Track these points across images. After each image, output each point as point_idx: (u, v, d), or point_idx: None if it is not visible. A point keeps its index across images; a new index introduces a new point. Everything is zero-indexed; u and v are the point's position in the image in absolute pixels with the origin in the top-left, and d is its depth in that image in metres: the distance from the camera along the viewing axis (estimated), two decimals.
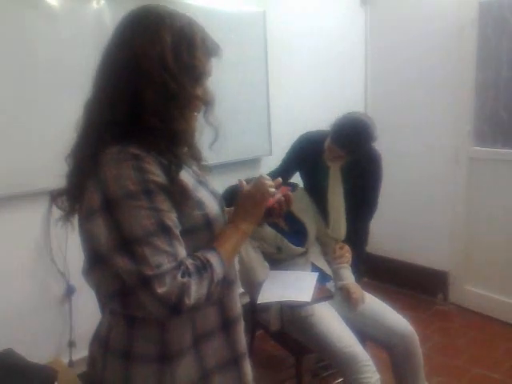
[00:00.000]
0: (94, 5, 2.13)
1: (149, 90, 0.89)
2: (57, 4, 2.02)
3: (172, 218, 0.89)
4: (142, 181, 0.85)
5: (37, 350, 1.75)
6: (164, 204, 0.88)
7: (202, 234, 0.96)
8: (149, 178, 0.86)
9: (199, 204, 0.96)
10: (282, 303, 1.87)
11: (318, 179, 2.24)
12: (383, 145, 2.23)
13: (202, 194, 0.99)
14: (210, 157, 1.11)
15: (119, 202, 0.85)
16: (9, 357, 1.28)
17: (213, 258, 0.93)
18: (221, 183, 2.14)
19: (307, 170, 2.30)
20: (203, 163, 1.15)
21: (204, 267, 0.90)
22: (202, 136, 1.04)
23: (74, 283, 2.21)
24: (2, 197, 1.98)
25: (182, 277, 0.86)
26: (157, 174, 0.87)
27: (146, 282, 0.83)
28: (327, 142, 2.08)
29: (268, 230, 2.07)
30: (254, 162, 2.89)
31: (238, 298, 1.09)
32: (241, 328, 1.08)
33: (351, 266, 2.18)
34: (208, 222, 0.97)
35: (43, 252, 2.15)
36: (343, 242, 2.24)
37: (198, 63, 0.94)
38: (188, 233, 0.93)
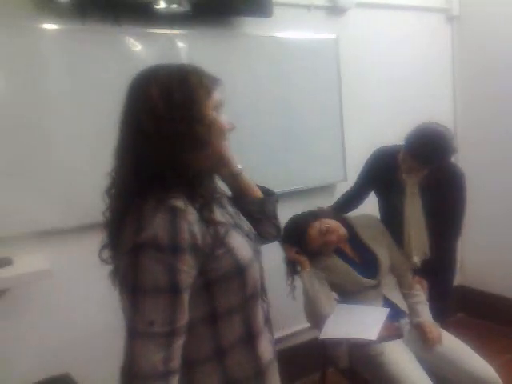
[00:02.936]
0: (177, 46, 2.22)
1: (166, 166, 0.92)
2: (133, 47, 2.14)
3: (187, 281, 0.89)
4: (173, 237, 0.86)
5: (93, 376, 1.79)
6: (186, 264, 0.87)
7: (234, 282, 0.95)
8: (180, 235, 0.86)
9: (230, 251, 0.94)
10: (345, 340, 1.77)
11: (393, 195, 2.12)
12: (475, 163, 2.02)
13: (234, 240, 0.97)
14: (281, 184, 1.08)
15: (145, 248, 0.86)
16: (64, 382, 1.35)
17: None
18: (293, 210, 2.11)
19: (382, 187, 2.20)
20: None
21: None
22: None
23: None
24: (83, 225, 2.12)
25: (166, 362, 0.85)
26: (190, 232, 0.87)
27: (132, 336, 0.86)
28: (401, 154, 1.99)
29: (335, 260, 1.99)
30: (328, 188, 2.82)
31: (270, 344, 1.05)
32: (274, 373, 1.05)
33: (432, 301, 2.01)
34: (239, 270, 0.96)
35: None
36: (425, 272, 2.07)
37: (205, 115, 0.94)
38: (220, 281, 0.94)
